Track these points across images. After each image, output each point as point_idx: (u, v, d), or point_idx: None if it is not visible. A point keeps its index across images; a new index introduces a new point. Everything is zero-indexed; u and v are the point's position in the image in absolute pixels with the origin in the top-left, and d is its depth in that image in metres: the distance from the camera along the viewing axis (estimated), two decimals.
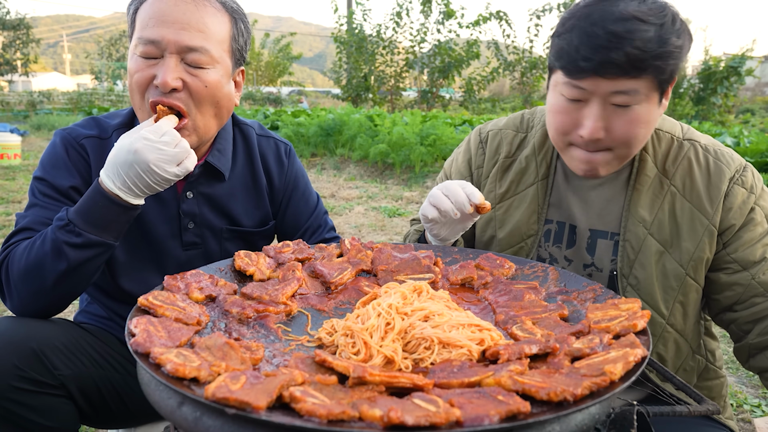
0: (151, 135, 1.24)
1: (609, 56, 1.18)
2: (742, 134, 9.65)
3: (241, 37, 1.47)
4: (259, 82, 35.81)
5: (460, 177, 1.62)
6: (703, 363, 1.49)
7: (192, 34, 1.34)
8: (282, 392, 0.74)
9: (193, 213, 1.55)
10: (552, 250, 1.51)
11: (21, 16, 35.70)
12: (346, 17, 19.23)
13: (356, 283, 1.27)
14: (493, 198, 1.56)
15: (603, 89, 1.23)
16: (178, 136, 1.28)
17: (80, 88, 31.58)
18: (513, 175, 1.54)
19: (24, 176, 8.41)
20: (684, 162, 1.39)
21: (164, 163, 1.23)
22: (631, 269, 1.40)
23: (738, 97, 19.78)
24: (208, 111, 1.41)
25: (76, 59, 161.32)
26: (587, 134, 1.27)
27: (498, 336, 0.98)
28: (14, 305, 1.30)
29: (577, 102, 1.28)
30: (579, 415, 0.76)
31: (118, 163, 1.23)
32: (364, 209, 6.55)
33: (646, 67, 1.19)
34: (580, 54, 1.21)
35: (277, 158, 1.71)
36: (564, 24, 1.27)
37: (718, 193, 1.35)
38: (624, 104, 1.24)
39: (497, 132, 1.60)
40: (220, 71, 1.40)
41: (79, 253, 1.25)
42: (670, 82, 1.26)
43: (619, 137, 1.27)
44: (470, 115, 14.47)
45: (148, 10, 1.35)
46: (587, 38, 1.21)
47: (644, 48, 1.17)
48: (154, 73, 1.34)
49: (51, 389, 1.23)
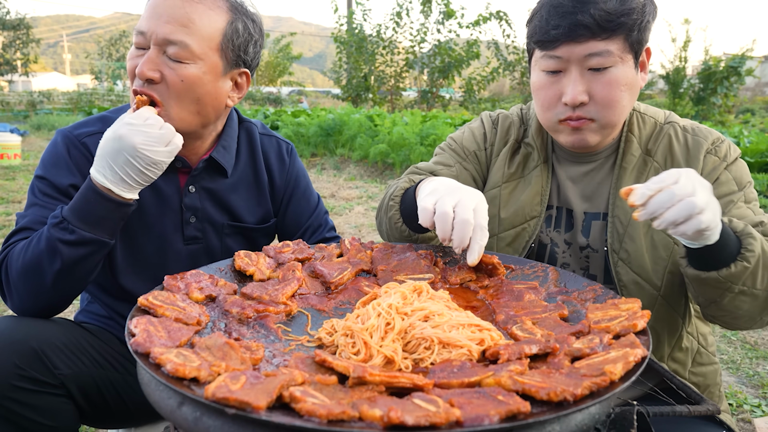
0: (133, 120, 1.26)
1: (576, 19, 1.28)
2: (742, 134, 9.65)
3: (240, 37, 1.44)
4: (259, 82, 35.80)
5: (475, 146, 1.65)
6: (696, 345, 1.51)
7: (174, 27, 1.35)
8: (282, 392, 0.74)
9: (195, 207, 1.55)
10: (553, 235, 1.55)
11: (21, 16, 35.71)
12: (346, 17, 19.21)
13: (356, 283, 1.27)
14: (501, 176, 1.60)
15: (577, 54, 1.32)
16: (160, 119, 1.30)
17: (80, 88, 31.58)
18: (521, 158, 1.60)
19: (24, 176, 8.41)
20: (665, 140, 1.47)
21: (151, 145, 1.24)
22: (621, 243, 1.44)
23: (738, 97, 19.77)
24: (187, 105, 1.40)
25: (76, 59, 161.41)
26: (570, 99, 1.34)
27: (498, 336, 0.98)
28: (15, 305, 1.30)
29: (556, 74, 1.37)
30: (579, 415, 0.76)
31: (106, 153, 1.25)
32: (364, 209, 6.55)
33: (614, 27, 1.29)
34: (550, 24, 1.32)
35: (279, 156, 1.72)
36: (535, 10, 1.39)
37: (696, 164, 1.42)
38: (600, 66, 1.32)
39: (507, 116, 1.68)
40: (202, 68, 1.38)
41: (73, 250, 1.25)
42: (642, 44, 1.34)
43: (601, 100, 1.35)
44: (470, 115, 14.47)
45: (148, 4, 1.40)
46: (554, 9, 1.32)
47: (608, 9, 1.28)
48: (138, 63, 1.37)
49: (51, 388, 1.23)
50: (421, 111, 13.81)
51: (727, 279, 1.18)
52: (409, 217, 1.44)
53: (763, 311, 1.26)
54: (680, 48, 18.04)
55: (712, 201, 1.07)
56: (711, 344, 1.56)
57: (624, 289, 1.44)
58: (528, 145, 1.60)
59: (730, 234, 1.18)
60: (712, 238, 1.11)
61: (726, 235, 1.16)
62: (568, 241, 1.54)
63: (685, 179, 1.06)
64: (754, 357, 2.99)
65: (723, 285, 1.19)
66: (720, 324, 1.35)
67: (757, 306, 1.24)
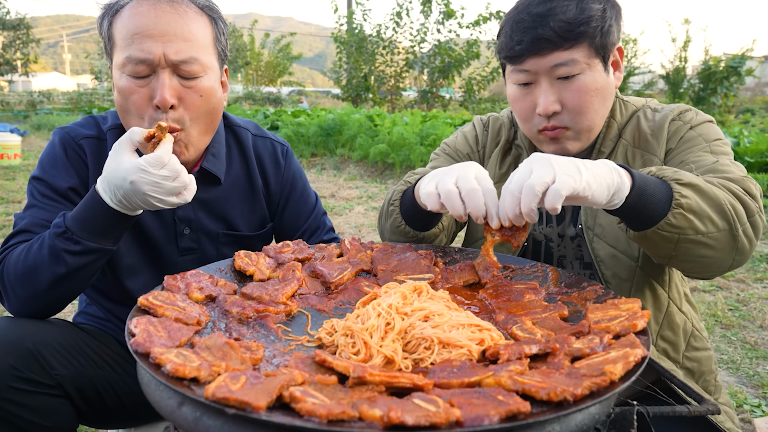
0: (149, 167, 1.17)
1: (538, 33, 1.32)
2: (742, 134, 9.63)
3: (223, 36, 1.46)
4: (259, 82, 35.80)
5: (468, 149, 1.70)
6: (690, 327, 1.51)
7: (180, 45, 1.32)
8: (282, 392, 0.74)
9: (188, 218, 1.54)
10: (546, 231, 1.57)
11: (21, 16, 35.68)
12: (346, 17, 19.20)
13: (356, 283, 1.27)
14: (493, 176, 1.61)
15: (543, 66, 1.35)
16: (178, 167, 1.21)
17: (80, 88, 31.61)
18: (512, 159, 1.64)
19: (24, 176, 8.41)
20: (634, 120, 1.51)
21: (161, 195, 1.20)
22: (596, 219, 1.46)
23: (738, 97, 19.77)
24: (203, 120, 1.40)
25: (76, 59, 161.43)
26: (542, 110, 1.37)
27: (498, 336, 0.98)
28: (12, 307, 1.30)
29: (528, 86, 1.40)
30: (579, 415, 0.76)
31: (114, 185, 1.20)
32: (364, 209, 6.55)
33: (575, 36, 1.32)
34: (514, 40, 1.36)
35: (274, 159, 1.69)
36: (500, 26, 1.44)
37: (661, 133, 1.45)
38: (568, 75, 1.35)
39: (497, 118, 1.72)
40: (211, 77, 1.40)
41: (79, 259, 1.24)
42: (608, 49, 1.37)
43: (573, 107, 1.37)
44: (470, 115, 14.47)
45: (128, 25, 1.31)
46: (516, 24, 1.36)
47: (567, 19, 1.31)
48: (149, 92, 1.32)
49: (48, 389, 1.23)
50: (421, 111, 13.81)
51: (667, 230, 1.12)
52: (412, 217, 1.45)
53: (729, 252, 1.19)
54: (680, 48, 18.06)
55: (561, 165, 1.04)
56: (702, 329, 1.56)
57: (602, 264, 1.45)
58: (518, 146, 1.63)
59: (654, 183, 1.13)
60: (620, 195, 1.08)
61: (650, 187, 1.12)
62: (561, 234, 1.56)
63: (521, 168, 1.08)
64: (754, 357, 2.99)
65: (670, 238, 1.14)
66: (697, 276, 1.29)
67: (718, 250, 1.17)
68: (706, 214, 1.14)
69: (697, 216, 1.13)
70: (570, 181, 1.02)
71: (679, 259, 1.19)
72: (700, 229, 1.14)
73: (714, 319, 3.45)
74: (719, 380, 1.57)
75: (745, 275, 4.23)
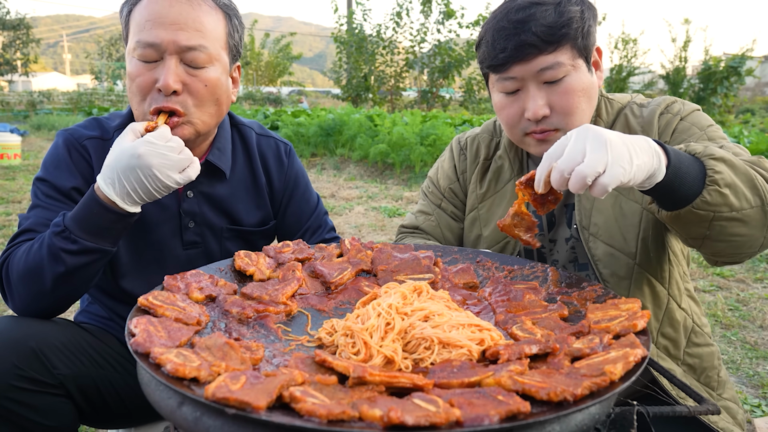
0: (155, 140, 1.23)
1: (521, 39, 1.32)
2: (742, 134, 9.64)
3: (237, 32, 1.48)
4: (259, 82, 35.78)
5: (448, 182, 1.73)
6: (691, 323, 1.50)
7: (189, 33, 1.34)
8: (282, 392, 0.74)
9: (193, 212, 1.55)
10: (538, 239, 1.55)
11: (21, 16, 35.71)
12: (346, 17, 19.21)
13: (356, 283, 1.27)
14: (475, 198, 1.65)
15: (529, 71, 1.35)
16: (181, 142, 1.27)
17: (80, 88, 31.57)
18: (491, 174, 1.65)
19: (24, 176, 8.41)
20: (621, 118, 1.51)
21: (167, 169, 1.23)
22: (590, 218, 1.46)
23: (738, 97, 19.78)
24: (208, 109, 1.42)
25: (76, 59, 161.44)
26: (532, 114, 1.37)
27: (498, 336, 0.98)
28: (15, 306, 1.31)
29: (515, 93, 1.41)
30: (579, 415, 0.76)
31: (119, 167, 1.22)
32: (364, 209, 6.55)
33: (558, 39, 1.32)
34: (497, 48, 1.36)
35: (277, 158, 1.71)
36: (480, 36, 1.44)
37: (651, 128, 1.44)
38: (554, 78, 1.35)
39: (474, 137, 1.72)
40: (218, 69, 1.42)
41: (77, 258, 1.25)
42: (589, 48, 1.38)
43: (562, 109, 1.37)
44: (470, 115, 14.46)
45: (143, 12, 1.35)
46: (498, 33, 1.36)
47: (548, 23, 1.32)
48: (155, 76, 1.34)
49: (50, 388, 1.23)
50: (421, 111, 13.80)
51: (703, 208, 1.09)
52: None
53: (761, 229, 1.15)
54: (680, 48, 18.05)
55: (615, 150, 0.98)
56: (705, 324, 1.55)
57: (599, 263, 1.45)
58: (499, 158, 1.64)
59: (688, 161, 1.10)
60: (656, 177, 1.04)
61: (684, 164, 1.09)
62: (552, 239, 1.56)
63: (574, 143, 1.00)
64: (754, 357, 2.99)
65: (705, 216, 1.10)
66: (728, 261, 1.24)
67: (752, 227, 1.13)
68: (740, 190, 1.10)
69: (732, 190, 1.09)
70: (620, 173, 0.97)
71: (713, 239, 1.15)
72: (734, 205, 1.10)
73: (714, 319, 3.45)
74: (723, 375, 1.55)
75: (745, 275, 4.23)
